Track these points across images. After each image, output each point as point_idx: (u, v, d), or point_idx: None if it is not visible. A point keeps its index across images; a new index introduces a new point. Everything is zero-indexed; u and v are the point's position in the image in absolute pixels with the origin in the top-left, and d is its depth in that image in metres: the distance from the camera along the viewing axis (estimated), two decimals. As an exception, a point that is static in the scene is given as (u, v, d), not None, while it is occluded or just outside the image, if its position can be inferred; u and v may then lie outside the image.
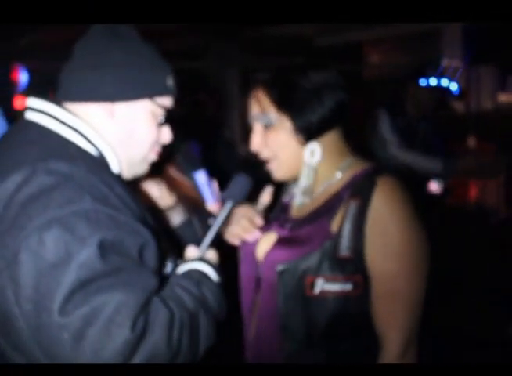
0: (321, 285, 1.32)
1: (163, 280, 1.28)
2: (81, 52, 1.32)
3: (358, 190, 1.36)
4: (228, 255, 1.59)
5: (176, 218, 1.69)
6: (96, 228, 1.08)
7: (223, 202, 1.48)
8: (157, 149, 1.41)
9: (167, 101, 1.36)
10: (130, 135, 1.33)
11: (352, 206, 1.34)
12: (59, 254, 1.05)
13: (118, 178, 1.29)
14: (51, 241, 1.05)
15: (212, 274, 1.32)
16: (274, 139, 1.43)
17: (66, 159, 1.18)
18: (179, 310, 1.15)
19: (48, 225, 1.06)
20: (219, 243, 1.50)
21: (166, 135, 1.41)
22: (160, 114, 1.35)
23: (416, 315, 1.34)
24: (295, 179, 1.49)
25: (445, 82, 3.63)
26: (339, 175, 1.44)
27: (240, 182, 1.49)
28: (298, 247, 1.39)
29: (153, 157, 1.41)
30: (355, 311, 1.35)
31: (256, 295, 1.50)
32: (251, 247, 1.54)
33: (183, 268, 1.33)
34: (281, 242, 1.46)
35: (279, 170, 1.46)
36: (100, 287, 1.04)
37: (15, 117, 1.35)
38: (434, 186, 3.45)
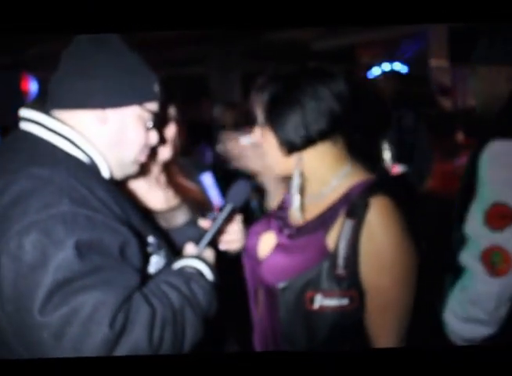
0: (320, 300, 1.37)
1: (151, 276, 1.31)
2: (69, 60, 1.35)
3: (353, 210, 1.38)
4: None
5: (181, 218, 1.78)
6: (73, 230, 1.11)
7: (224, 204, 1.53)
8: (146, 151, 1.46)
9: (154, 106, 1.41)
10: (121, 139, 1.37)
11: (347, 226, 1.37)
12: (36, 257, 1.08)
13: (103, 181, 1.32)
14: (29, 245, 1.08)
15: (207, 272, 1.36)
16: (263, 140, 1.48)
17: (48, 164, 1.21)
18: (162, 307, 1.17)
19: (27, 230, 1.09)
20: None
21: (153, 138, 1.45)
22: (148, 118, 1.40)
23: (406, 322, 1.41)
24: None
25: (386, 67, 3.74)
26: (335, 182, 1.45)
27: (241, 186, 1.55)
28: (296, 258, 1.43)
29: (142, 158, 1.45)
30: (351, 323, 1.40)
31: (257, 294, 1.56)
32: (254, 244, 1.59)
33: (178, 264, 1.37)
34: (279, 249, 1.49)
35: (268, 169, 1.55)
36: (79, 288, 1.07)
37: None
38: (397, 169, 3.41)
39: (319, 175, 1.47)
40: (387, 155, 3.51)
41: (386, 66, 3.65)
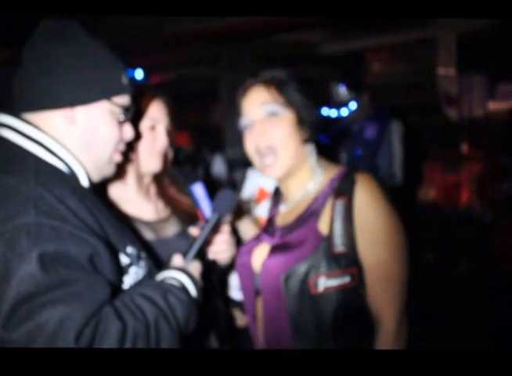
0: (324, 283, 1.40)
1: (129, 287, 1.28)
2: (29, 58, 1.26)
3: (341, 190, 1.45)
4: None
5: (171, 229, 1.77)
6: (37, 241, 1.06)
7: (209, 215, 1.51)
8: (121, 148, 1.39)
9: (124, 99, 1.34)
10: (93, 137, 1.30)
11: (339, 205, 1.43)
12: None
13: (78, 189, 1.26)
14: None
15: (189, 285, 1.32)
16: (278, 129, 1.49)
17: (17, 172, 1.17)
18: (135, 321, 1.13)
19: None
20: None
21: (128, 132, 1.39)
22: (119, 113, 1.33)
23: (405, 292, 1.46)
24: (288, 176, 1.56)
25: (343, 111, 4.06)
26: (314, 181, 1.55)
27: (226, 196, 1.53)
28: (293, 251, 1.46)
29: (118, 157, 1.39)
30: (354, 300, 1.44)
31: (256, 306, 1.56)
32: (247, 261, 1.60)
33: (161, 275, 1.34)
34: (275, 250, 1.51)
35: (280, 167, 1.51)
36: (46, 302, 1.03)
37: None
38: None
39: (302, 176, 1.56)
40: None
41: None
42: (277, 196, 1.73)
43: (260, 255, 1.57)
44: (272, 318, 1.51)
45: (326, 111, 4.24)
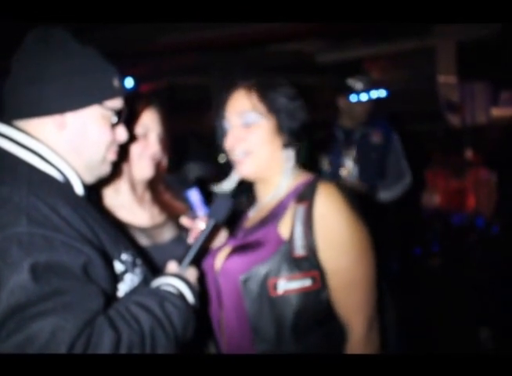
0: (283, 285, 1.40)
1: (124, 294, 1.27)
2: (19, 66, 1.27)
3: (303, 196, 1.46)
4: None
5: (167, 234, 1.77)
6: (28, 251, 1.04)
7: (206, 220, 1.50)
8: (114, 149, 1.39)
9: (116, 103, 1.33)
10: (84, 141, 1.30)
11: (300, 210, 1.44)
12: None
13: (71, 197, 1.26)
14: None
15: (185, 291, 1.30)
16: (255, 136, 1.51)
17: (9, 181, 1.16)
18: (129, 331, 1.11)
19: None
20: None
21: (121, 134, 1.39)
22: (111, 116, 1.33)
23: (373, 297, 1.46)
24: (259, 180, 1.59)
25: (373, 94, 3.69)
26: (283, 184, 1.55)
27: (222, 202, 1.53)
28: (251, 252, 1.46)
29: (111, 157, 1.39)
30: (316, 304, 1.43)
31: (220, 307, 1.53)
32: (210, 263, 1.58)
33: (156, 282, 1.32)
34: (234, 251, 1.52)
35: (251, 165, 1.52)
36: (37, 313, 1.00)
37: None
38: None
39: (272, 180, 1.57)
40: (347, 169, 3.69)
41: (363, 96, 3.70)
42: (251, 203, 1.72)
43: (222, 257, 1.56)
44: (231, 319, 1.50)
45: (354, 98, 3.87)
